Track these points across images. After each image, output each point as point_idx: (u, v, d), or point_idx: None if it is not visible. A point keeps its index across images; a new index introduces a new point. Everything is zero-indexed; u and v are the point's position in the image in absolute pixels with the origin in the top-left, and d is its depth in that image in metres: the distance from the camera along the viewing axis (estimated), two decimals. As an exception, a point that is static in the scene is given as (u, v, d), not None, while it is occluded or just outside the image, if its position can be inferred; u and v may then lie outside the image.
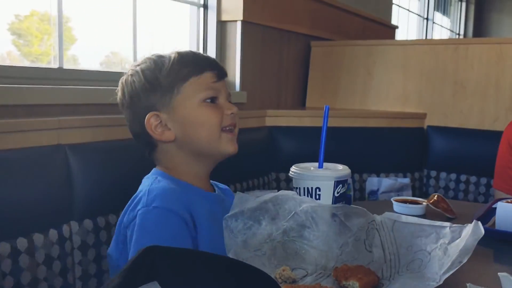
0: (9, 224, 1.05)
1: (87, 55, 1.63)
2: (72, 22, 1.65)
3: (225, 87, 1.08)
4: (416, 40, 2.26)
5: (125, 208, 1.03)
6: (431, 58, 2.28)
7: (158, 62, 1.04)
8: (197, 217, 0.97)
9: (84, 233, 1.20)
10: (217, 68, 1.08)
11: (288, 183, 2.04)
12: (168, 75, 1.03)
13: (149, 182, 1.02)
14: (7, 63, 1.56)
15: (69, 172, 1.19)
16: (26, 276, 1.07)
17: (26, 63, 1.62)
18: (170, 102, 1.03)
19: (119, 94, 1.09)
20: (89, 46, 1.63)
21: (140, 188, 1.04)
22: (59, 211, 1.17)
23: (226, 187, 1.19)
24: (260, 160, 1.97)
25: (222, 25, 2.11)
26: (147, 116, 1.03)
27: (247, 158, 1.86)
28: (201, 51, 2.11)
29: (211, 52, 2.11)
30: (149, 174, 1.08)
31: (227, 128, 1.06)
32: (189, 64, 1.04)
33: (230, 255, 0.84)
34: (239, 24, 2.08)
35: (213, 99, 1.05)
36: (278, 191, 1.84)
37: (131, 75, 1.06)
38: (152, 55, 1.08)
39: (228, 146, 1.06)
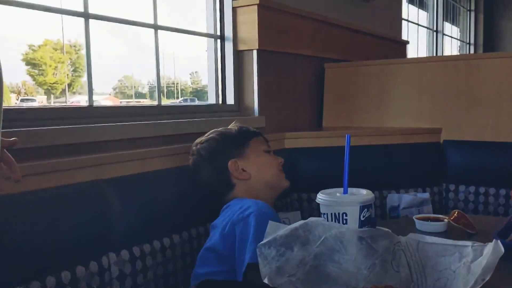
0: (54, 258, 1.12)
1: (99, 80, 1.69)
2: (83, 50, 1.71)
3: (270, 147, 1.54)
4: (429, 57, 2.31)
5: (223, 214, 1.35)
6: (443, 74, 2.33)
7: (225, 131, 1.49)
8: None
9: (121, 263, 1.26)
10: (262, 136, 1.55)
11: (310, 203, 2.09)
12: (239, 135, 1.48)
13: (247, 200, 1.34)
14: (23, 92, 1.62)
15: (105, 205, 1.26)
16: (71, 306, 1.13)
17: (41, 92, 1.68)
18: (243, 152, 1.46)
19: (195, 157, 1.47)
20: (101, 71, 1.69)
21: (235, 203, 1.35)
22: (98, 243, 1.23)
23: None
24: (281, 182, 2.02)
25: (239, 54, 2.19)
26: (229, 162, 1.43)
27: (269, 181, 1.92)
28: (219, 79, 2.19)
29: (229, 80, 2.19)
30: (236, 200, 1.39)
31: (281, 170, 1.51)
32: (249, 130, 1.52)
33: (266, 281, 0.89)
34: (255, 53, 2.15)
35: (268, 152, 1.51)
36: (300, 212, 1.90)
37: (206, 141, 1.47)
38: (212, 131, 1.51)
39: (285, 181, 1.51)
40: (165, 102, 1.96)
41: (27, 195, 1.12)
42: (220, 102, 2.20)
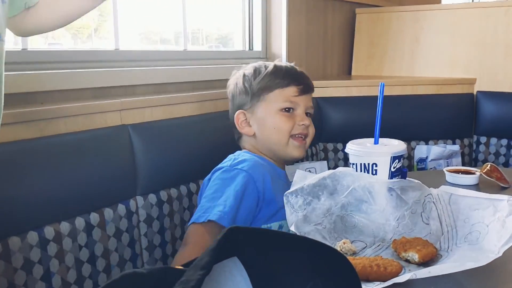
0: (83, 201, 1.14)
1: (125, 25, 1.65)
2: None
3: (306, 100, 1.29)
4: (465, 3, 2.20)
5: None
6: (480, 21, 2.22)
7: (256, 71, 1.29)
8: (268, 186, 1.17)
9: (149, 206, 1.28)
10: (303, 83, 1.29)
11: (336, 153, 2.07)
12: (259, 83, 1.26)
13: (236, 154, 1.24)
14: (50, 37, 1.61)
15: (132, 150, 1.26)
16: (99, 248, 1.16)
17: (68, 37, 1.67)
18: (255, 105, 1.26)
19: (227, 90, 1.35)
20: (127, 16, 1.65)
21: (229, 157, 1.25)
22: (125, 187, 1.25)
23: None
24: (308, 131, 2.00)
25: (267, -1, 2.12)
26: (236, 112, 1.28)
27: (296, 129, 1.90)
28: (247, 25, 2.13)
29: (257, 25, 2.13)
30: (239, 152, 1.28)
31: (297, 136, 1.26)
32: (278, 77, 1.26)
33: (292, 229, 0.89)
34: (284, -4, 2.08)
35: (289, 110, 1.25)
36: (326, 162, 1.89)
37: (236, 77, 1.32)
38: (258, 63, 1.33)
39: (294, 151, 1.26)
40: (191, 48, 1.93)
41: (55, 138, 1.12)
42: (247, 48, 2.15)
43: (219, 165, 1.22)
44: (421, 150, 2.07)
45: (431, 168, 2.01)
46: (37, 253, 1.02)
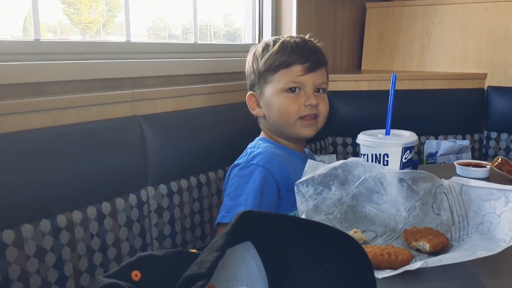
0: (95, 190, 1.15)
1: (133, 22, 1.67)
2: None
3: (315, 77, 1.22)
4: (476, -3, 2.19)
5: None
6: (492, 16, 2.20)
7: (265, 49, 1.24)
8: (286, 174, 1.18)
9: (159, 197, 1.29)
10: (309, 60, 1.20)
11: (345, 147, 2.07)
12: (265, 63, 1.22)
13: (251, 146, 1.26)
14: (59, 32, 1.62)
15: (143, 141, 1.27)
16: (110, 237, 1.17)
17: (76, 32, 1.67)
18: (262, 86, 1.24)
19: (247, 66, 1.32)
20: (135, 13, 1.65)
21: (247, 148, 1.27)
22: (136, 177, 1.25)
23: (309, 151, 1.43)
24: (317, 125, 2.00)
25: (277, -8, 2.12)
26: (248, 94, 1.28)
27: (305, 123, 1.90)
28: (257, 18, 2.13)
29: (267, 19, 2.12)
30: (255, 140, 1.30)
31: (305, 117, 1.22)
32: (283, 56, 1.20)
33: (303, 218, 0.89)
34: (294, -11, 2.08)
35: (295, 89, 1.20)
36: (335, 155, 1.89)
37: (249, 57, 1.30)
38: (271, 38, 1.28)
39: (301, 130, 1.22)
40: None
41: (67, 128, 1.13)
42: (257, 42, 2.15)
43: (237, 161, 1.23)
44: (431, 145, 2.06)
45: (440, 163, 2.01)
46: (50, 241, 1.03)
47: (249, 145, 1.27)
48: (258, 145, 1.24)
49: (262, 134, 1.32)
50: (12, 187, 0.99)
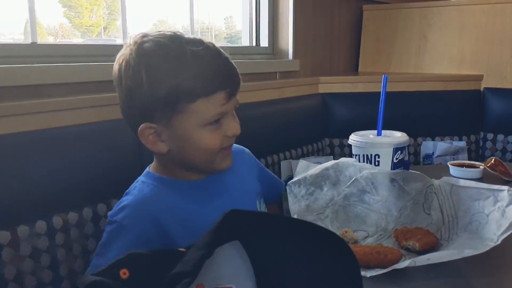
0: (91, 191, 1.16)
1: (134, 25, 1.68)
2: None
3: (234, 101, 0.95)
4: (472, 0, 2.19)
5: None
6: (488, 17, 2.21)
7: (170, 66, 0.88)
8: (170, 224, 0.94)
9: (155, 198, 1.29)
10: (230, 85, 0.92)
11: (342, 149, 2.07)
12: (176, 87, 0.88)
13: (130, 188, 1.02)
14: (60, 35, 1.63)
15: (138, 142, 1.27)
16: (106, 238, 1.17)
17: (77, 35, 1.68)
18: (170, 118, 0.90)
19: (115, 71, 0.97)
20: (136, 15, 1.66)
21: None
22: (132, 179, 1.26)
23: (240, 147, 1.12)
24: (313, 127, 2.01)
25: (274, -5, 2.13)
26: (141, 125, 0.93)
27: (301, 125, 1.91)
28: (254, 20, 2.14)
29: (264, 21, 2.14)
30: (143, 173, 1.05)
31: (225, 149, 0.97)
32: (200, 80, 0.89)
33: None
34: (291, -8, 2.09)
35: (217, 121, 0.93)
36: (332, 157, 1.90)
37: (135, 64, 0.91)
38: (169, 38, 0.91)
39: (222, 163, 0.98)
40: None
41: (63, 130, 1.14)
42: (254, 44, 2.16)
43: (113, 209, 0.98)
44: (428, 146, 2.07)
45: (437, 164, 2.01)
46: (45, 242, 1.04)
47: (132, 185, 1.04)
48: (133, 189, 1.00)
49: (151, 168, 1.04)
50: (8, 188, 1.00)
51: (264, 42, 2.16)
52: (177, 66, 0.88)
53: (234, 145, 1.01)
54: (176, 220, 0.93)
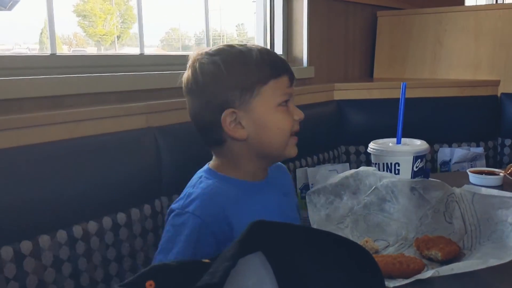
0: (110, 201, 1.17)
1: (147, 33, 1.69)
2: (133, 1, 1.69)
3: (293, 89, 1.06)
4: (488, 5, 2.18)
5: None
6: (504, 22, 2.20)
7: (240, 58, 1.01)
8: (236, 216, 0.99)
9: (173, 207, 1.30)
10: (291, 72, 1.06)
11: (358, 156, 2.07)
12: (252, 74, 1.00)
13: (192, 183, 1.06)
14: (74, 44, 1.65)
15: (158, 152, 1.29)
16: (125, 247, 1.18)
17: (91, 44, 1.70)
18: (249, 102, 0.99)
19: (189, 78, 1.05)
20: (149, 24, 1.68)
21: (188, 184, 1.07)
22: (151, 188, 1.27)
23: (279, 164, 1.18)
24: (329, 134, 2.01)
25: (288, 2, 2.14)
26: (224, 112, 0.99)
27: (317, 132, 1.90)
28: (268, 28, 2.15)
29: (278, 28, 2.15)
30: (200, 170, 1.09)
31: (294, 133, 1.05)
32: (270, 66, 1.02)
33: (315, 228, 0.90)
34: (305, 0, 2.09)
35: (285, 103, 1.03)
36: (348, 164, 1.89)
37: (209, 63, 1.01)
38: (228, 45, 1.04)
39: (292, 150, 1.05)
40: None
41: (83, 140, 1.16)
42: (269, 51, 2.17)
43: (173, 203, 1.03)
44: (445, 152, 2.06)
45: (454, 171, 2.00)
46: (66, 251, 1.05)
47: (191, 181, 1.07)
48: (199, 183, 1.04)
49: (211, 165, 1.08)
50: (29, 198, 1.02)
51: (279, 50, 2.17)
52: (248, 56, 1.01)
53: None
54: (240, 214, 0.98)
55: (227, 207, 0.99)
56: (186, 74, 1.06)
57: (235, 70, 1.00)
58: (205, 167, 1.09)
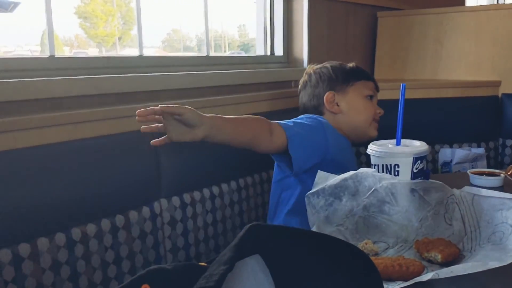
0: (109, 203, 1.16)
1: (149, 34, 1.69)
2: (133, 3, 1.69)
3: (377, 98, 1.58)
4: (489, 5, 2.17)
5: None
6: (505, 23, 2.19)
7: (340, 65, 1.57)
8: (339, 146, 1.39)
9: (172, 209, 1.30)
10: (376, 82, 1.59)
11: (358, 157, 2.06)
12: (349, 72, 1.54)
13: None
14: (76, 45, 1.65)
15: (156, 154, 1.28)
16: (124, 249, 1.18)
17: (92, 45, 1.70)
18: (345, 89, 1.51)
19: (305, 78, 1.59)
20: (150, 25, 1.67)
21: None
22: (150, 190, 1.27)
23: None
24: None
25: (288, 2, 2.13)
26: (327, 93, 1.51)
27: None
28: (268, 29, 2.15)
29: (278, 30, 2.14)
30: None
31: (376, 120, 1.53)
32: (362, 73, 1.58)
33: (314, 229, 0.89)
34: (305, 1, 2.09)
35: (371, 97, 1.54)
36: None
37: (321, 68, 1.57)
38: (331, 62, 1.60)
39: (373, 131, 1.52)
40: (213, 54, 1.95)
41: (82, 142, 1.15)
42: (269, 53, 2.16)
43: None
44: (446, 153, 2.05)
45: (455, 172, 1.99)
46: (65, 254, 1.05)
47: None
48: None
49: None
50: (28, 201, 1.01)
51: (279, 51, 2.16)
52: (346, 65, 1.58)
53: None
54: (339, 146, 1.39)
55: (339, 139, 1.43)
56: (303, 79, 1.60)
57: (339, 70, 1.55)
58: None
